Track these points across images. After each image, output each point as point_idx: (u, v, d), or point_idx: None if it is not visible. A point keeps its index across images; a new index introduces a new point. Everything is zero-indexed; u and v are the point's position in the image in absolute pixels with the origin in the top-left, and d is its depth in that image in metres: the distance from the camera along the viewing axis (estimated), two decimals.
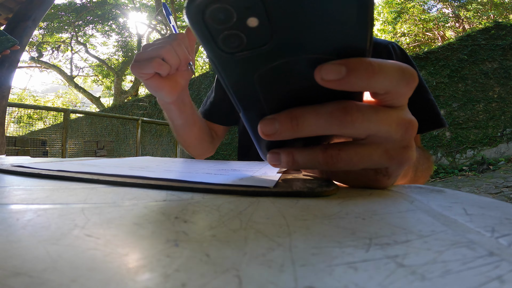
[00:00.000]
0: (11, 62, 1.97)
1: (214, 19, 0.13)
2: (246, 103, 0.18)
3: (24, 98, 13.95)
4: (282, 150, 0.20)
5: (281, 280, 0.07)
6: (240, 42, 0.14)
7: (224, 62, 0.15)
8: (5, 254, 0.09)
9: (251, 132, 0.20)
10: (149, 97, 8.22)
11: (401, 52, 0.62)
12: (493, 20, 7.27)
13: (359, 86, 0.16)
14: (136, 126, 4.51)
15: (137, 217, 0.13)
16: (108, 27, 12.81)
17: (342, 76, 0.15)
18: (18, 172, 0.26)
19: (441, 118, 0.58)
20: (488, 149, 4.22)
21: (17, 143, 3.73)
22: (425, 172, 0.48)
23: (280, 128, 0.17)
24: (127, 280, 0.07)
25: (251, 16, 0.13)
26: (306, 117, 0.17)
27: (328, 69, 0.15)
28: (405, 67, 0.17)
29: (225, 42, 0.14)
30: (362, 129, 0.17)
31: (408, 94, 0.18)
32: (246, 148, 0.72)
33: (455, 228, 0.12)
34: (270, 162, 0.20)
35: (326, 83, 0.15)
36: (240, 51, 0.14)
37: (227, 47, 0.14)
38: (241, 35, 0.13)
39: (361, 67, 0.15)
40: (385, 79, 0.16)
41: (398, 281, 0.07)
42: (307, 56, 0.15)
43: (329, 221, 0.13)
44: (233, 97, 0.17)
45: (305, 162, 0.19)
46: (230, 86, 0.17)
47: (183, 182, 0.21)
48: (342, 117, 0.16)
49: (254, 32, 0.13)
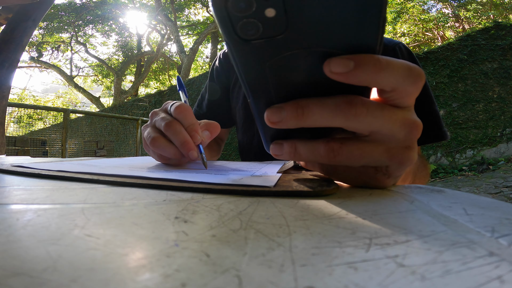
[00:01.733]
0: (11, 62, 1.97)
1: (236, 6, 0.14)
2: (256, 90, 0.18)
3: (24, 98, 13.95)
4: (286, 141, 0.20)
5: (281, 280, 0.07)
6: (257, 30, 0.15)
7: (240, 49, 0.16)
8: (5, 254, 0.09)
9: (258, 120, 0.21)
10: (149, 97, 8.23)
11: (408, 53, 0.62)
12: (493, 20, 7.28)
13: (365, 81, 0.16)
14: (136, 126, 4.51)
15: (137, 217, 0.13)
16: (108, 27, 12.81)
17: (350, 70, 0.15)
18: (18, 172, 0.26)
19: (443, 130, 0.57)
20: (487, 149, 4.22)
21: (17, 143, 3.73)
22: (422, 179, 0.49)
23: (286, 116, 0.18)
24: (127, 280, 0.07)
25: (269, 7, 0.14)
26: (312, 107, 0.17)
27: (337, 62, 0.15)
28: (413, 66, 0.17)
29: (243, 29, 0.15)
30: (365, 123, 0.17)
31: (414, 93, 0.18)
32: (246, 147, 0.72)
33: (455, 228, 0.12)
34: (273, 152, 0.21)
35: (334, 75, 0.16)
36: (255, 38, 0.15)
37: (245, 34, 0.15)
38: (258, 24, 0.14)
39: (369, 63, 0.15)
40: (392, 76, 0.16)
41: (398, 281, 0.07)
42: (319, 49, 0.16)
43: (329, 221, 0.13)
44: (244, 84, 0.18)
45: (307, 154, 0.19)
46: (243, 72, 0.17)
47: (183, 182, 0.21)
48: (347, 109, 0.17)
49: (270, 22, 0.14)
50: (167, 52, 14.10)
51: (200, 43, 11.44)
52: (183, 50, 11.05)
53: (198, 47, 11.48)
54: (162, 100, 7.50)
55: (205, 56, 14.99)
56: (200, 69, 14.47)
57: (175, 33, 11.18)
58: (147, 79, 13.90)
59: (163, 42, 12.80)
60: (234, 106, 0.73)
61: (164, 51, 13.61)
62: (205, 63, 14.51)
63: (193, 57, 10.89)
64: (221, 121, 0.77)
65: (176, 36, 11.17)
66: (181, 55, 11.02)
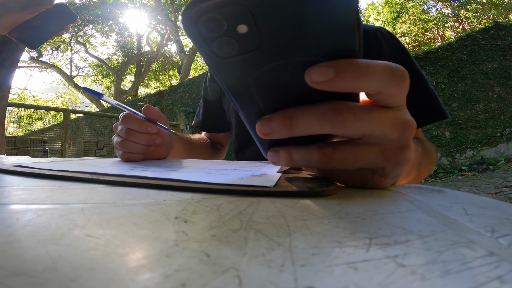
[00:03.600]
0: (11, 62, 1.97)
1: (207, 27, 0.14)
2: (244, 103, 0.18)
3: (24, 98, 13.94)
4: (281, 148, 0.20)
5: (281, 280, 0.07)
6: (233, 48, 0.15)
7: (220, 66, 0.16)
8: (5, 254, 0.09)
9: (251, 131, 0.21)
10: (149, 97, 8.23)
11: (391, 37, 0.58)
12: (493, 20, 7.27)
13: (347, 87, 0.16)
14: None
15: (137, 217, 0.13)
16: (108, 27, 12.79)
17: (331, 78, 0.15)
18: (18, 172, 0.26)
19: (442, 108, 0.54)
20: (487, 149, 4.22)
21: (17, 143, 3.73)
22: (428, 166, 0.46)
23: (276, 127, 0.18)
24: (127, 280, 0.07)
25: (241, 24, 0.14)
26: (299, 116, 0.17)
27: (317, 71, 0.15)
28: (395, 67, 0.17)
29: (219, 48, 0.15)
30: (354, 129, 0.17)
31: (401, 94, 0.18)
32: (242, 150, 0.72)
33: (455, 228, 0.12)
34: (270, 159, 0.21)
35: (316, 84, 0.16)
36: (233, 55, 0.15)
37: (221, 52, 0.15)
38: (233, 41, 0.14)
39: (348, 69, 0.15)
40: (373, 80, 0.16)
41: (398, 281, 0.07)
42: (297, 59, 0.15)
43: (329, 221, 0.13)
44: (232, 98, 0.18)
45: (302, 160, 0.20)
46: (227, 88, 0.17)
47: (183, 182, 0.21)
48: (334, 117, 0.17)
49: (244, 38, 0.14)
50: (167, 52, 14.11)
51: None
52: (183, 50, 11.05)
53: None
54: (162, 100, 7.50)
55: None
56: (200, 69, 14.46)
57: (175, 33, 11.18)
58: (147, 79, 13.90)
59: (163, 42, 12.80)
60: (227, 108, 0.74)
61: (164, 51, 13.61)
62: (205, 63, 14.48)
63: (193, 57, 10.88)
64: (217, 126, 0.79)
65: (176, 36, 11.17)
66: (181, 55, 11.02)
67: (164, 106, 7.39)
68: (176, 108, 6.95)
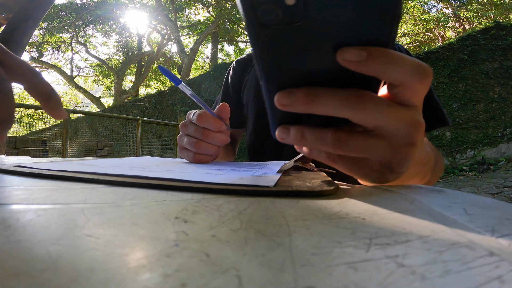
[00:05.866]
0: None
1: None
2: (269, 73, 0.19)
3: (25, 98, 13.95)
4: (293, 125, 0.21)
5: (281, 280, 0.07)
6: (276, 16, 0.15)
7: (258, 32, 0.17)
8: (5, 254, 0.09)
9: (267, 103, 0.21)
10: (149, 97, 8.23)
11: (406, 52, 0.64)
12: (494, 20, 7.26)
13: (376, 71, 0.17)
14: (137, 126, 4.51)
15: (137, 217, 0.13)
16: (108, 27, 12.81)
17: (363, 59, 0.16)
18: (18, 172, 0.26)
19: (445, 116, 0.60)
20: (488, 149, 4.21)
21: (17, 143, 3.74)
22: (439, 172, 0.49)
23: (296, 100, 0.18)
24: (127, 280, 0.07)
25: None
26: (322, 95, 0.18)
27: (350, 50, 0.16)
28: (423, 63, 0.18)
29: (263, 14, 0.15)
30: (371, 118, 0.18)
31: (420, 92, 0.19)
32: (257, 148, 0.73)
33: (455, 228, 0.12)
34: (279, 135, 0.21)
35: (346, 63, 0.16)
36: (274, 24, 0.16)
37: (264, 18, 0.16)
38: (278, 10, 0.15)
39: (381, 54, 0.16)
40: (401, 69, 0.17)
41: (398, 281, 0.07)
42: (333, 41, 0.16)
43: (329, 221, 0.13)
44: (259, 66, 0.19)
45: (313, 140, 0.20)
46: (259, 55, 0.18)
47: (183, 182, 0.21)
48: (356, 102, 0.18)
49: (289, 10, 0.15)
50: (168, 52, 14.11)
51: (201, 43, 11.45)
52: (183, 50, 11.06)
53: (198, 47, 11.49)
54: (163, 100, 7.51)
55: (206, 56, 15.00)
56: (200, 69, 14.47)
57: (176, 33, 11.18)
58: (147, 79, 13.89)
59: (164, 42, 12.80)
60: (245, 102, 0.75)
61: (165, 51, 13.62)
62: (205, 63, 14.50)
63: (193, 57, 10.90)
64: (234, 122, 0.79)
65: (176, 36, 11.18)
66: (181, 55, 11.02)
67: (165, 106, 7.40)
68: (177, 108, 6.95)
